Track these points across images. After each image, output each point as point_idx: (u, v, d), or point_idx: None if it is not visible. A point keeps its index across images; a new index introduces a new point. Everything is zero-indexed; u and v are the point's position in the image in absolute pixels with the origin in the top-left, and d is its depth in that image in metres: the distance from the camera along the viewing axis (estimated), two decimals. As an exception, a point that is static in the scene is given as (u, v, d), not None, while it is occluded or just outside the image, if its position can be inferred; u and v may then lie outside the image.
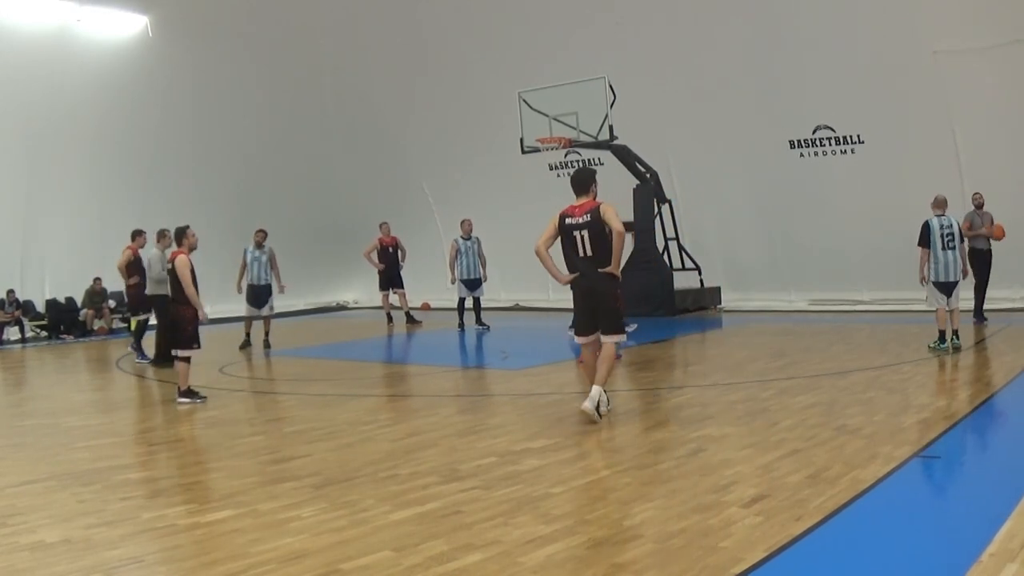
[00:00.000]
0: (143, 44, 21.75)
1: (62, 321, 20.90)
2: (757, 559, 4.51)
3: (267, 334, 16.22)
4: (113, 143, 21.44)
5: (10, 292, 19.95)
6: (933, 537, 4.92)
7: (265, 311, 16.20)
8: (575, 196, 8.52)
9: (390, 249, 19.30)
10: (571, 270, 8.48)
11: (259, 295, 16.07)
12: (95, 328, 20.83)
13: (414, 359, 15.56)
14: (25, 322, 20.40)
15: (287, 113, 24.24)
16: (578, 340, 8.74)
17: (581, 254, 8.36)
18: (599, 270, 8.30)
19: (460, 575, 4.50)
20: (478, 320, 18.08)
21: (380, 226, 19.49)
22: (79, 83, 20.64)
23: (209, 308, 22.56)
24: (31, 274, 20.74)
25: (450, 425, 8.54)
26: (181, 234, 10.84)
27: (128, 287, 15.29)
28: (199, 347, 10.62)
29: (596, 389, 8.23)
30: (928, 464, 6.36)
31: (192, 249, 10.80)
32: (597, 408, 8.18)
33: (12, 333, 20.12)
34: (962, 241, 11.94)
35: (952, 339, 11.68)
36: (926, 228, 11.75)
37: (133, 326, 15.41)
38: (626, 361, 12.49)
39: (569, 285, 8.53)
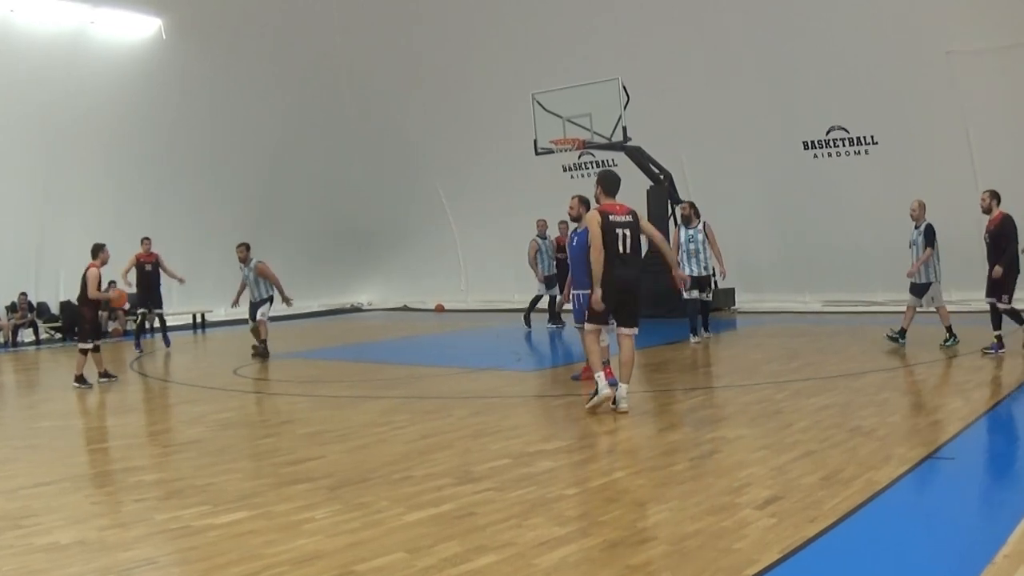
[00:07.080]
0: (157, 46, 21.84)
1: (76, 323, 20.89)
2: (771, 560, 4.50)
3: (263, 341, 15.13)
4: (128, 145, 21.53)
5: (23, 295, 20.07)
6: (947, 539, 4.91)
7: (258, 316, 15.19)
8: (609, 195, 8.83)
9: None
10: (609, 265, 8.54)
11: (252, 310, 15.33)
12: (109, 330, 20.88)
13: (428, 361, 15.55)
14: (39, 324, 20.50)
15: (302, 115, 24.28)
16: (588, 327, 8.92)
17: (622, 251, 8.59)
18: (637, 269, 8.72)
19: (474, 577, 4.50)
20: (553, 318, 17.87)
21: None
22: (94, 86, 20.74)
23: (224, 311, 23.08)
24: (46, 276, 20.83)
25: (464, 427, 8.54)
26: (98, 249, 12.63)
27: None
28: (93, 342, 12.58)
29: (623, 387, 8.58)
30: (942, 466, 6.33)
31: (104, 263, 12.62)
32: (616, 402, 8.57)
33: (26, 335, 20.25)
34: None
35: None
36: None
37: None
38: (641, 363, 12.42)
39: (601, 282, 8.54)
